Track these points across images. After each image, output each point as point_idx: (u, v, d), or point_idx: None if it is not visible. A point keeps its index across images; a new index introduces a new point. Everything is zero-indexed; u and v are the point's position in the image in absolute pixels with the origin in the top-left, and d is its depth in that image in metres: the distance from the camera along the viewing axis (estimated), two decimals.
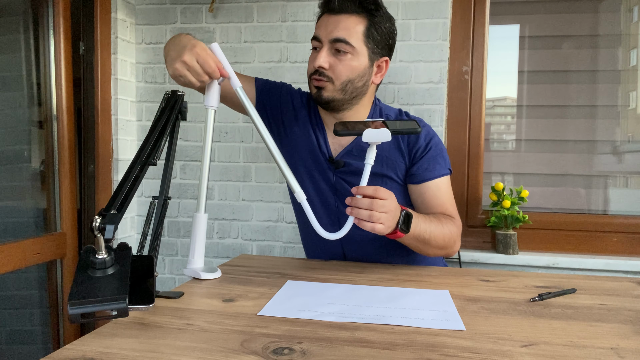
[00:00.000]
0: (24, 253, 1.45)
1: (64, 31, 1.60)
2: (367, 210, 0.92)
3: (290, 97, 1.29)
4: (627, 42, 1.76)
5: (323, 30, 1.14)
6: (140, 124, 1.92)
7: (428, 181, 1.18)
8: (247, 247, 1.86)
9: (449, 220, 1.14)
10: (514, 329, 0.72)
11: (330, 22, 1.13)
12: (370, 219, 0.92)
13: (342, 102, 1.17)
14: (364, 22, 1.13)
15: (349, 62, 1.13)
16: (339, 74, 1.13)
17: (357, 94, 1.18)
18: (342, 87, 1.14)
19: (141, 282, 0.72)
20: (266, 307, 0.80)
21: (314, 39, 1.16)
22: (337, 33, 1.11)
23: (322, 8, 1.17)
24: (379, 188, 0.93)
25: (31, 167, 1.60)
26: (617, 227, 1.73)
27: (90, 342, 0.64)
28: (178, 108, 0.93)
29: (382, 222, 0.93)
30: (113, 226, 0.65)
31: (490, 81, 1.82)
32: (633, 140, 1.77)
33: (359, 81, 1.16)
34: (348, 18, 1.12)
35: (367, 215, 0.92)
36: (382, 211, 0.92)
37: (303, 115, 1.26)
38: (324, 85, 1.14)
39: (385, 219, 0.93)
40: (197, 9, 1.85)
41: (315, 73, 1.14)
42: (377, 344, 0.65)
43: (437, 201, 1.18)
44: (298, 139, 1.25)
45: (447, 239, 1.11)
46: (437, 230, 1.08)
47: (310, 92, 1.19)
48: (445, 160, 1.21)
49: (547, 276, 1.08)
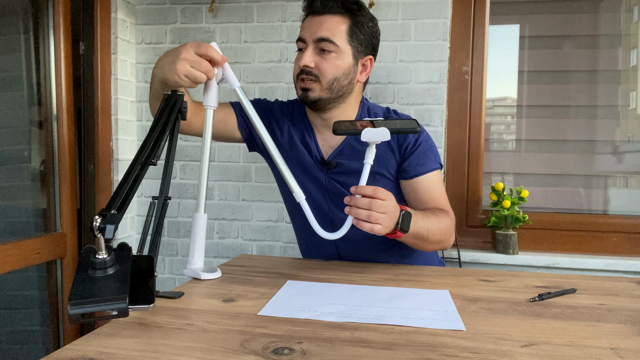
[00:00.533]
0: (24, 253, 1.45)
1: (64, 31, 1.60)
2: (366, 210, 0.92)
3: (269, 110, 1.29)
4: (627, 42, 1.76)
5: (307, 31, 1.16)
6: (140, 124, 1.92)
7: (420, 176, 1.19)
8: (247, 247, 1.86)
9: (443, 214, 1.16)
10: (514, 329, 0.72)
11: (314, 22, 1.15)
12: (369, 219, 0.92)
13: (328, 101, 1.18)
14: (346, 22, 1.15)
15: (333, 60, 1.14)
16: (324, 72, 1.14)
17: (344, 92, 1.19)
18: (328, 85, 1.15)
19: (141, 282, 0.71)
20: (266, 307, 0.80)
21: (299, 40, 1.18)
22: (320, 33, 1.13)
23: (305, 10, 1.19)
24: (378, 188, 0.94)
25: (31, 167, 1.60)
26: (617, 227, 1.73)
27: (90, 342, 0.64)
28: (178, 108, 0.93)
29: (381, 223, 0.93)
30: (113, 226, 0.65)
31: (490, 81, 1.82)
32: (633, 140, 1.77)
33: (345, 79, 1.17)
34: (331, 18, 1.14)
35: (366, 215, 0.92)
36: (381, 211, 0.92)
37: (286, 123, 1.27)
38: (311, 86, 1.15)
39: (384, 220, 0.93)
40: (197, 9, 1.85)
41: (301, 73, 1.16)
42: (377, 344, 0.65)
43: (430, 195, 1.19)
44: (284, 147, 1.26)
45: (444, 233, 1.12)
46: (434, 225, 1.09)
47: (297, 94, 1.20)
48: (435, 154, 1.22)
49: (547, 276, 1.08)
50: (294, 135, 1.26)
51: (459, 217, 1.80)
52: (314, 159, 1.23)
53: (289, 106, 1.31)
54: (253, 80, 1.83)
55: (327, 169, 1.22)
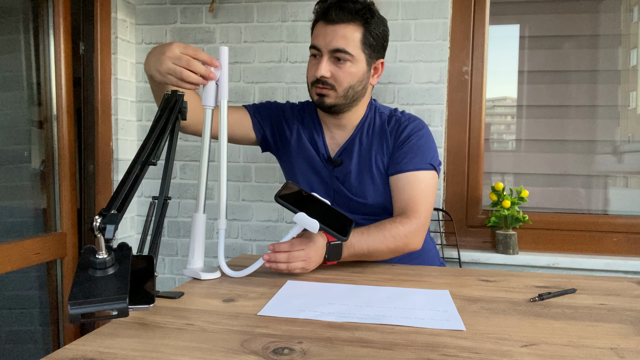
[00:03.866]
0: (24, 253, 1.45)
1: (64, 31, 1.60)
2: (285, 264, 0.98)
3: (281, 111, 1.34)
4: (627, 42, 1.76)
5: (322, 40, 1.16)
6: (140, 124, 1.92)
7: (402, 173, 1.18)
8: (247, 247, 1.86)
9: (398, 221, 1.12)
10: (514, 329, 0.72)
11: (328, 32, 1.16)
12: (288, 270, 0.99)
13: (343, 106, 1.21)
14: (360, 30, 1.16)
15: (348, 69, 1.16)
16: (340, 81, 1.17)
17: (357, 97, 1.22)
18: (344, 93, 1.18)
19: (141, 282, 0.71)
20: (266, 307, 0.80)
21: (313, 47, 1.19)
22: (335, 43, 1.15)
23: (317, 15, 1.19)
24: (293, 242, 0.98)
25: (31, 167, 1.59)
26: (617, 227, 1.73)
27: (90, 342, 0.64)
28: (178, 108, 0.93)
29: (300, 267, 0.99)
30: (113, 226, 0.65)
31: (490, 81, 1.82)
32: (633, 140, 1.77)
33: (359, 85, 1.20)
34: (345, 27, 1.15)
35: (284, 267, 0.98)
36: (299, 260, 0.98)
37: (296, 124, 1.31)
38: (327, 92, 1.18)
39: (305, 265, 0.99)
40: (197, 9, 1.85)
41: (317, 82, 1.18)
42: (377, 344, 0.65)
43: (403, 195, 1.17)
44: (293, 147, 1.30)
45: (394, 244, 1.10)
46: (377, 242, 1.08)
47: (312, 99, 1.22)
48: (425, 154, 1.20)
49: (547, 276, 1.07)
50: (303, 135, 1.29)
51: (459, 217, 1.80)
52: (320, 157, 1.26)
53: (300, 107, 1.35)
54: (253, 80, 1.83)
55: (334, 167, 1.25)
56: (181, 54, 0.95)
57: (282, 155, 1.35)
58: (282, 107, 1.35)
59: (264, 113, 1.33)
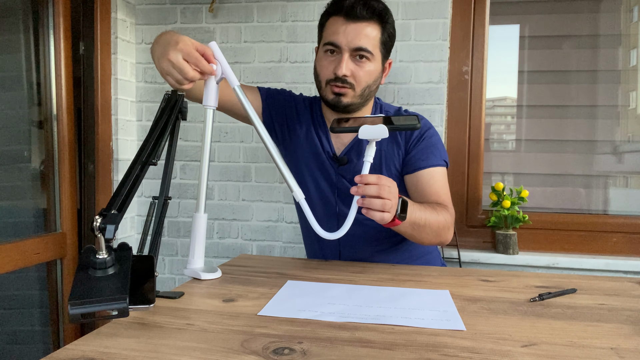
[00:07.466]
0: (24, 253, 1.45)
1: (64, 31, 1.60)
2: (380, 199, 0.90)
3: (294, 102, 1.31)
4: (627, 42, 1.76)
5: (343, 38, 1.13)
6: (140, 124, 1.92)
7: (421, 170, 1.19)
8: (247, 247, 1.86)
9: (442, 208, 1.14)
10: (514, 329, 0.72)
11: (349, 29, 1.13)
12: (383, 208, 0.90)
13: (358, 105, 1.20)
14: (379, 29, 1.15)
15: (368, 68, 1.15)
16: (360, 80, 1.15)
17: (370, 96, 1.22)
18: (361, 92, 1.17)
19: (141, 282, 0.72)
20: (266, 307, 0.80)
21: (331, 44, 1.15)
22: (358, 42, 1.12)
23: (334, 11, 1.15)
24: (381, 176, 0.93)
25: (31, 167, 1.59)
26: (617, 227, 1.73)
27: (90, 342, 0.64)
28: (178, 108, 0.93)
29: (389, 210, 0.91)
30: (113, 226, 0.65)
31: (490, 81, 1.82)
32: (633, 140, 1.77)
33: (374, 85, 1.20)
34: (367, 26, 1.13)
35: (380, 204, 0.90)
36: (389, 197, 0.91)
37: (306, 118, 1.29)
38: (346, 92, 1.16)
39: (391, 206, 0.92)
40: (197, 9, 1.85)
41: (334, 80, 1.15)
42: (377, 344, 0.65)
43: (431, 189, 1.18)
44: (301, 140, 1.27)
45: (442, 226, 1.11)
46: (432, 217, 1.07)
47: (326, 97, 1.19)
48: (439, 152, 1.22)
49: (547, 276, 1.08)
50: (312, 130, 1.27)
51: (459, 217, 1.80)
52: (326, 154, 1.25)
53: (310, 102, 1.33)
54: (253, 81, 1.83)
55: (339, 165, 1.24)
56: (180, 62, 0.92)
57: (288, 145, 1.31)
58: (295, 99, 1.32)
59: (277, 102, 1.30)
